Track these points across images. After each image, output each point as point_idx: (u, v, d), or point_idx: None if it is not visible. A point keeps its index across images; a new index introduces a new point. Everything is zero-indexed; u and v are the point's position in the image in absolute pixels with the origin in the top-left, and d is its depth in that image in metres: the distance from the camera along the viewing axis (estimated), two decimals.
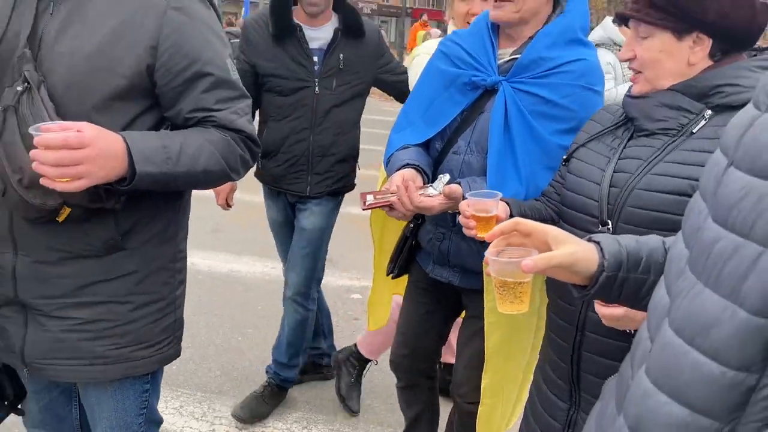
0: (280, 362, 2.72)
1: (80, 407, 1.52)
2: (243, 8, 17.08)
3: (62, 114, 1.17)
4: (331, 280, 3.93)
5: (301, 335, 2.68)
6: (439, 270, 1.85)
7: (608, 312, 1.17)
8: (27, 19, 1.20)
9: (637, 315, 1.12)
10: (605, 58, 3.14)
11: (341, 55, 2.39)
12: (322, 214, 2.56)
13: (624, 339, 1.24)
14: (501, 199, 1.41)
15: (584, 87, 1.63)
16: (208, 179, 1.31)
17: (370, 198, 1.65)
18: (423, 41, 10.38)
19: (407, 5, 35.23)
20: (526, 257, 0.92)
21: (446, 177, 1.64)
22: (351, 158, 2.58)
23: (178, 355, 1.52)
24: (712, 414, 0.60)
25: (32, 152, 1.07)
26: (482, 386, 1.77)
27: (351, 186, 2.66)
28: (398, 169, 1.68)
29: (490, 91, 1.67)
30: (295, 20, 2.37)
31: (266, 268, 4.30)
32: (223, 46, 1.34)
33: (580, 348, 1.37)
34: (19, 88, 1.15)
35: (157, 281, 1.39)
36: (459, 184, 1.59)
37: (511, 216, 1.40)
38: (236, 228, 4.89)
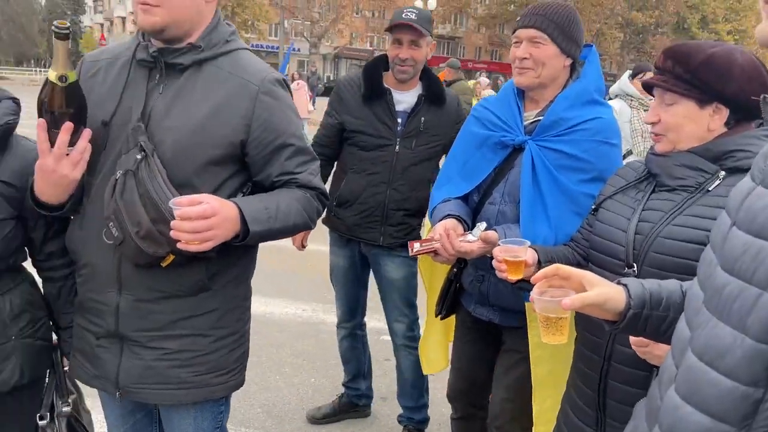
0: (409, 407, 2.91)
1: (160, 428, 1.71)
2: (282, 61, 17.72)
3: (170, 177, 1.40)
4: None
5: (421, 374, 2.79)
6: (480, 309, 2.03)
7: (637, 339, 1.34)
8: (139, 97, 1.44)
9: (657, 350, 1.30)
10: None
11: (423, 118, 2.58)
12: (405, 264, 2.72)
13: (647, 369, 1.42)
14: (530, 246, 1.59)
15: (601, 141, 1.83)
16: (295, 230, 1.55)
17: (416, 245, 1.85)
18: (473, 89, 10.73)
19: None
20: (565, 296, 1.11)
21: (483, 225, 1.82)
22: (420, 213, 2.71)
23: (243, 383, 1.70)
24: (729, 421, 0.75)
25: (174, 223, 1.29)
26: (534, 413, 1.92)
27: (418, 237, 2.73)
28: (440, 220, 1.88)
29: (518, 149, 1.88)
30: (385, 84, 2.59)
31: (298, 311, 4.48)
32: (299, 120, 1.58)
33: (607, 377, 1.54)
34: (138, 156, 1.37)
35: (233, 317, 1.60)
36: (495, 230, 1.79)
37: (539, 261, 1.59)
38: (268, 272, 5.09)
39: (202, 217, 1.29)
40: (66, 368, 1.68)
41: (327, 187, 2.66)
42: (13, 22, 38.96)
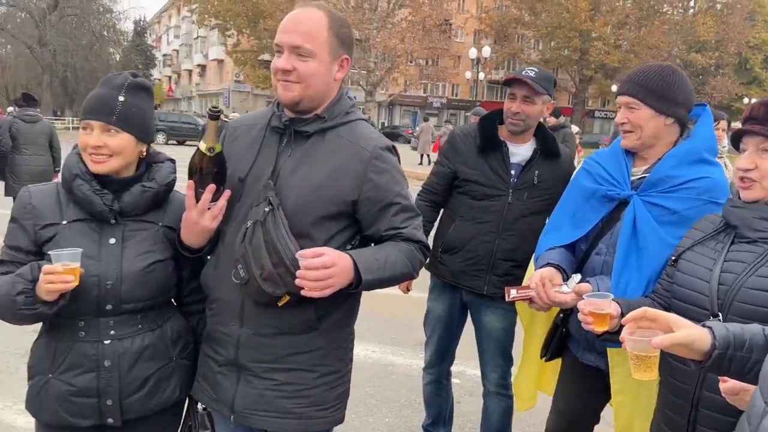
0: None
1: None
2: None
3: (291, 227, 1.59)
4: None
5: (508, 422, 2.92)
6: (588, 355, 2.12)
7: (728, 387, 1.41)
8: (271, 158, 1.67)
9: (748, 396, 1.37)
10: None
11: (537, 171, 2.64)
12: (506, 315, 2.77)
13: (736, 415, 1.47)
14: (612, 299, 1.67)
15: (707, 200, 1.89)
16: (401, 279, 1.71)
17: (513, 292, 1.98)
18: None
19: (476, 98, 36.58)
20: (654, 336, 1.22)
21: (578, 277, 1.94)
22: (527, 264, 2.69)
23: (343, 420, 1.84)
24: None
25: (299, 272, 1.49)
26: None
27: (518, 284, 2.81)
28: (541, 267, 2.00)
29: (625, 203, 1.99)
30: (500, 137, 2.70)
31: (368, 352, 4.61)
32: (405, 180, 1.77)
33: (695, 423, 1.60)
34: (266, 209, 1.59)
35: (336, 356, 1.76)
36: (588, 282, 1.89)
37: (622, 313, 1.68)
38: None
39: (323, 267, 1.48)
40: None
41: (432, 232, 2.85)
42: (91, 76, 41.68)
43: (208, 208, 1.62)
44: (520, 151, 2.68)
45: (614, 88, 42.53)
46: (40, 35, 39.31)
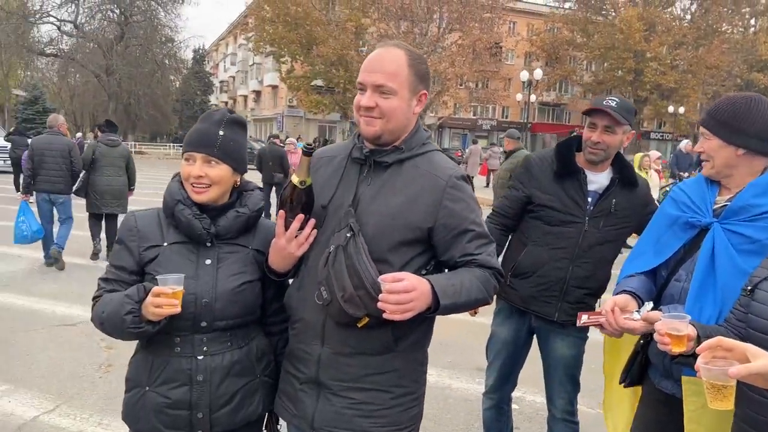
0: None
1: None
2: None
3: (370, 252, 1.68)
4: None
5: None
6: (664, 382, 2.10)
7: None
8: (351, 186, 1.78)
9: None
10: None
11: (614, 200, 2.65)
12: (576, 342, 2.80)
13: None
14: (690, 322, 1.68)
15: None
16: (476, 305, 1.77)
17: (585, 317, 2.03)
18: (640, 162, 10.58)
19: (527, 120, 36.32)
20: (730, 366, 1.24)
21: (649, 305, 1.95)
22: (600, 292, 2.75)
23: None
24: None
25: (382, 296, 1.56)
26: None
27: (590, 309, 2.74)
28: (618, 293, 2.04)
29: (706, 230, 1.99)
30: (578, 164, 2.71)
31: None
32: (479, 208, 1.84)
33: None
34: (348, 234, 1.68)
35: (411, 378, 1.83)
36: (660, 310, 1.90)
37: (698, 336, 1.69)
38: None
39: (404, 292, 1.56)
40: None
41: (500, 256, 2.87)
42: (153, 103, 43.53)
43: (295, 236, 1.74)
44: (598, 179, 2.68)
45: (670, 109, 41.54)
46: (107, 64, 41.40)
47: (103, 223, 8.20)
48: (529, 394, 4.29)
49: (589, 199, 2.65)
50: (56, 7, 41.17)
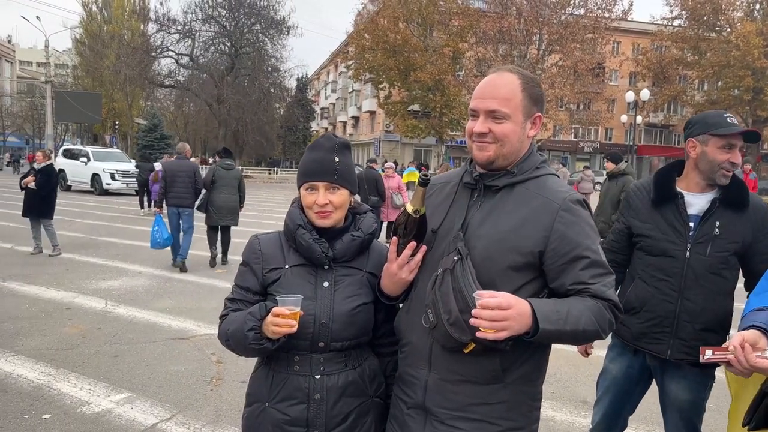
0: None
1: None
2: None
3: (478, 276, 1.63)
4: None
5: None
6: None
7: None
8: (461, 211, 1.76)
9: None
10: None
11: (717, 222, 2.47)
12: (694, 385, 2.58)
13: None
14: None
15: None
16: (586, 337, 1.62)
17: (709, 353, 1.82)
18: None
19: (633, 142, 34.75)
20: None
21: None
22: (721, 329, 2.53)
23: None
24: None
25: (475, 311, 1.50)
26: None
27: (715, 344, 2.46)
28: (745, 329, 1.84)
29: None
30: (678, 188, 2.57)
31: None
32: (596, 235, 1.73)
33: None
34: (456, 258, 1.65)
35: (521, 412, 1.73)
36: None
37: None
38: None
39: (499, 308, 1.49)
40: None
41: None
42: (259, 129, 45.81)
43: (407, 262, 1.75)
44: (699, 201, 2.52)
45: None
46: (219, 93, 44.19)
47: (219, 235, 9.81)
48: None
49: (691, 224, 2.51)
50: (175, 42, 44.61)
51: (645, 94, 29.89)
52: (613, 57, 46.49)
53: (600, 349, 2.97)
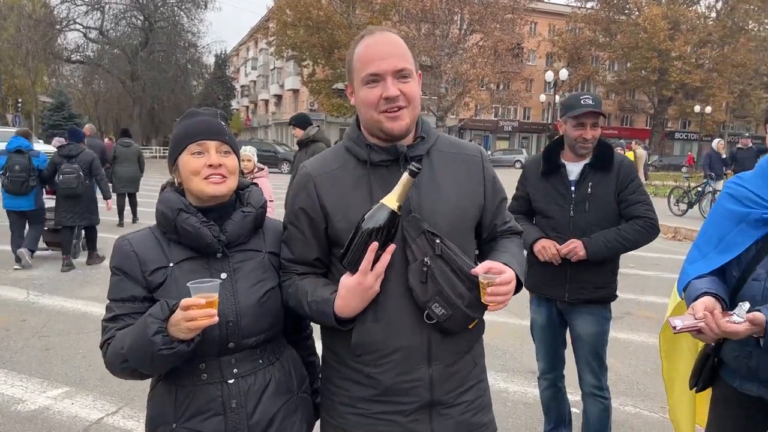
0: None
1: None
2: None
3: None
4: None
5: (605, 423, 3.08)
6: (747, 385, 2.03)
7: None
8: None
9: None
10: None
11: (590, 183, 2.94)
12: (597, 321, 3.01)
13: None
14: None
15: None
16: (524, 272, 1.72)
17: (678, 323, 1.87)
18: None
19: (548, 121, 36.07)
20: None
21: (746, 305, 1.85)
22: (608, 271, 2.99)
23: None
24: None
25: (494, 289, 1.48)
26: None
27: (612, 297, 3.04)
28: (697, 297, 1.94)
29: None
30: (562, 159, 3.02)
31: None
32: None
33: None
34: (437, 240, 1.53)
35: (483, 367, 1.79)
36: (760, 311, 1.81)
37: None
38: None
39: (506, 283, 1.49)
40: None
41: None
42: (176, 108, 44.01)
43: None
44: (575, 169, 2.99)
45: (696, 108, 40.95)
46: (132, 70, 42.00)
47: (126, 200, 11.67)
48: None
49: (573, 188, 2.97)
50: (82, 14, 41.95)
51: (564, 73, 30.96)
52: (531, 38, 47.80)
53: (525, 320, 3.18)
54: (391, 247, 1.49)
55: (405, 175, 1.45)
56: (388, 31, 1.60)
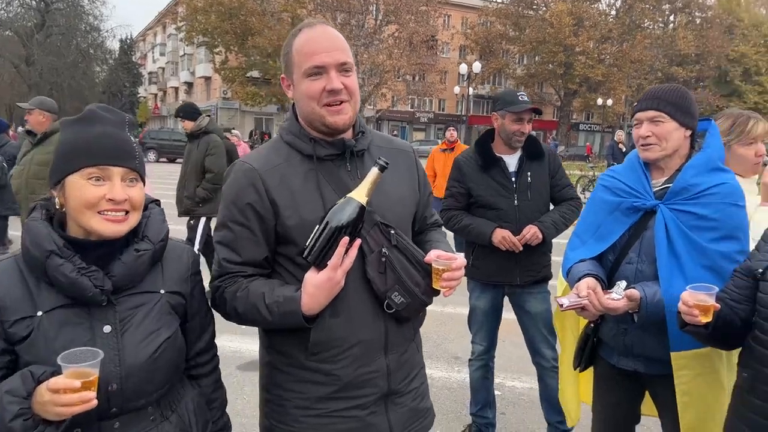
0: (560, 420, 3.19)
1: None
2: None
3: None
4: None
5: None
6: (624, 361, 2.19)
7: None
8: (342, 187, 1.56)
9: None
10: None
11: (528, 172, 3.17)
12: (545, 299, 3.27)
13: None
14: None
15: (730, 203, 2.02)
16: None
17: (564, 301, 2.06)
18: None
19: (462, 113, 36.99)
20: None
21: (624, 283, 2.04)
22: (547, 252, 3.28)
23: None
24: None
25: (450, 274, 1.51)
26: None
27: (551, 274, 3.31)
28: (579, 279, 2.09)
29: (650, 213, 2.10)
30: (496, 153, 3.19)
31: None
32: None
33: None
34: (392, 231, 1.56)
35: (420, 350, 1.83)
36: (635, 289, 2.00)
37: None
38: None
39: (459, 269, 1.54)
40: None
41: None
42: (78, 95, 41.44)
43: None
44: (512, 161, 3.19)
45: (599, 101, 43.30)
46: (27, 54, 39.09)
47: None
48: (509, 380, 4.41)
49: (513, 179, 3.16)
50: None
51: (477, 66, 31.83)
52: (445, 30, 48.73)
53: (461, 307, 3.34)
54: (358, 242, 1.48)
55: (374, 170, 1.47)
56: (327, 25, 1.60)
